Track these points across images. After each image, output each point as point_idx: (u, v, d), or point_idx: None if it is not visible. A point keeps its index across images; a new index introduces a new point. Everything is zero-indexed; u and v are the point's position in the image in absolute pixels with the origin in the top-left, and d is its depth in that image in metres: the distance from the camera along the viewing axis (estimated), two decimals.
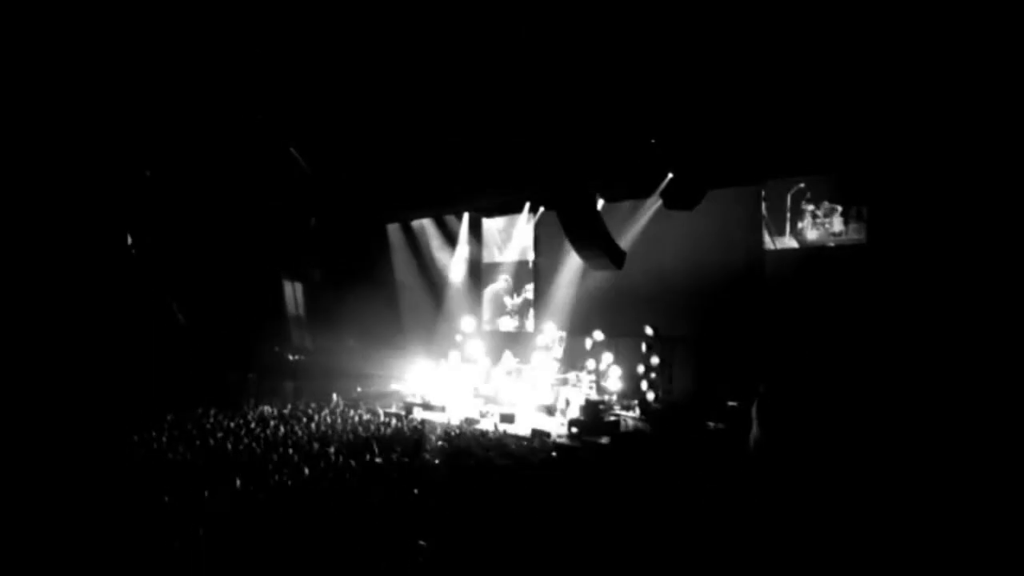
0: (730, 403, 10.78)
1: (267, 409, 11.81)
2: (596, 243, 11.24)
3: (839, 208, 11.22)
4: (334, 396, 13.01)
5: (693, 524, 5.59)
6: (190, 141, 13.68)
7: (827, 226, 11.32)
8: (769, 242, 11.96)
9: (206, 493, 6.45)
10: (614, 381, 12.68)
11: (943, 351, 9.54)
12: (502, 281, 16.89)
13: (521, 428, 10.77)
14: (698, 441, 9.80)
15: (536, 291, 16.06)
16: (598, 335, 13.00)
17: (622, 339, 13.07)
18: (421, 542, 5.02)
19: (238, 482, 6.85)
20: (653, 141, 11.33)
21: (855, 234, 10.97)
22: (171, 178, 14.46)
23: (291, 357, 16.99)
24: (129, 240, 14.19)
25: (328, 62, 11.17)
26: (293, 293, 18.07)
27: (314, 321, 18.04)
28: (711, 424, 10.56)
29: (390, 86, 11.75)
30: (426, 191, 15.42)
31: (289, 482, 6.99)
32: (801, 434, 7.68)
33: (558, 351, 13.61)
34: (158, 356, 13.98)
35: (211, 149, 14.01)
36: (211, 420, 10.61)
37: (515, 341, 15.52)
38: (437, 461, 8.09)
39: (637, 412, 11.99)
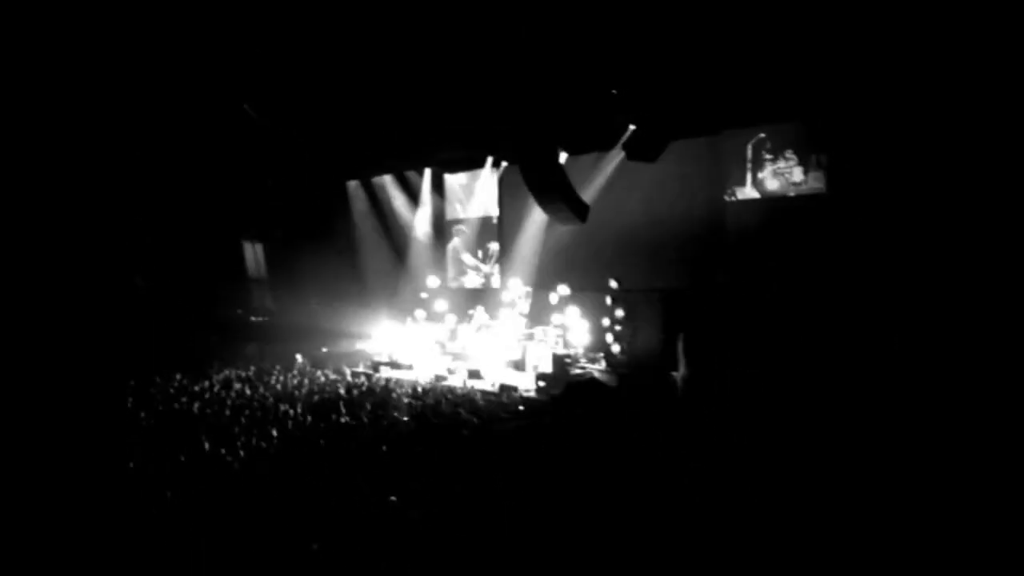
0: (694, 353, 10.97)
1: (231, 372, 11.69)
2: (559, 197, 11.19)
3: (798, 158, 11.33)
4: (299, 357, 12.91)
5: (640, 470, 5.69)
6: (141, 102, 13.18)
7: (787, 176, 11.43)
8: (730, 193, 12.05)
9: (181, 457, 6.42)
10: (580, 335, 12.80)
11: (900, 297, 9.78)
12: (465, 237, 16.80)
13: (489, 384, 10.85)
14: (660, 390, 9.98)
15: (501, 247, 16.02)
16: (563, 289, 13.06)
17: (587, 293, 13.15)
18: (392, 498, 5.06)
19: (206, 445, 6.81)
20: (614, 92, 11.24)
21: (815, 183, 11.10)
22: (123, 141, 13.96)
23: (254, 319, 16.79)
24: (83, 207, 13.74)
25: (283, 14, 10.77)
26: (254, 254, 17.77)
27: (276, 282, 17.81)
28: (675, 373, 10.75)
29: (346, 40, 11.41)
30: (386, 147, 15.14)
31: (260, 444, 6.97)
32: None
33: (524, 306, 13.65)
34: (118, 322, 13.70)
35: (163, 109, 13.53)
36: (175, 385, 10.48)
37: (481, 297, 15.52)
38: (406, 419, 8.12)
39: (603, 365, 12.17)
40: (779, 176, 11.51)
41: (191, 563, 4.49)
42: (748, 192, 11.86)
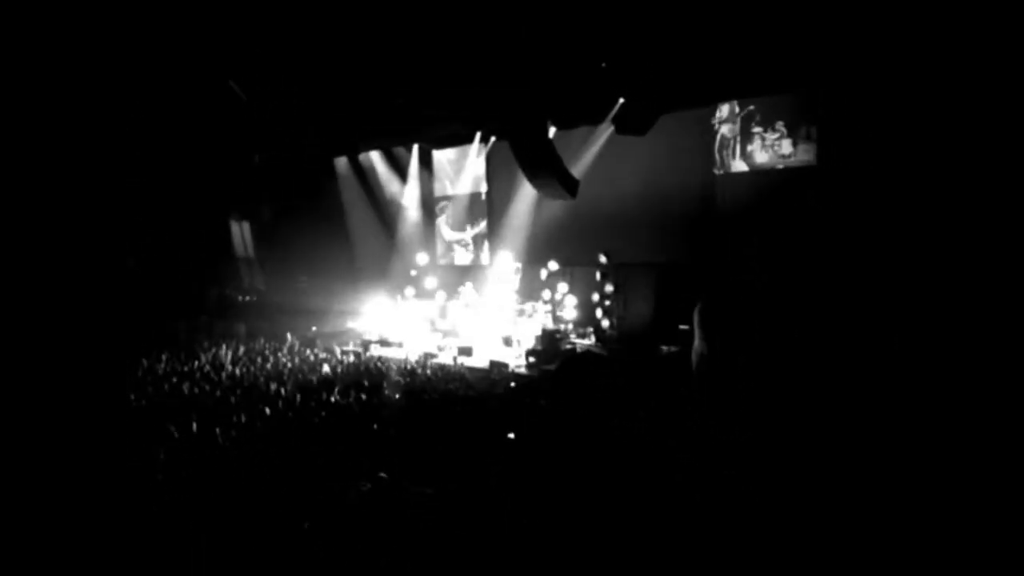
0: (682, 327, 10.99)
1: (221, 352, 11.63)
2: (549, 172, 11.12)
3: (788, 130, 11.28)
4: (289, 336, 12.86)
5: (643, 445, 5.72)
6: (126, 80, 12.94)
7: (776, 148, 11.39)
8: (719, 166, 12.01)
9: (174, 432, 6.40)
10: (570, 310, 12.81)
11: (890, 268, 9.81)
12: (454, 213, 16.72)
13: (479, 360, 10.86)
14: (649, 363, 10.02)
15: (490, 223, 15.95)
16: (553, 265, 13.05)
17: (578, 268, 13.14)
18: (382, 474, 5.06)
19: (194, 426, 6.79)
20: (604, 65, 11.13)
21: (804, 155, 11.07)
22: (109, 121, 13.72)
23: (243, 298, 16.70)
24: (70, 187, 13.53)
25: None
26: (241, 233, 17.63)
27: (264, 261, 17.69)
28: (664, 348, 10.78)
29: (332, 15, 11.22)
30: (373, 123, 14.96)
31: (255, 423, 6.96)
32: (746, 347, 7.80)
33: (514, 282, 13.63)
34: (107, 302, 13.58)
35: (148, 88, 13.29)
36: (164, 365, 10.42)
37: (471, 274, 15.48)
38: (397, 396, 8.12)
39: (593, 339, 12.19)
40: (768, 148, 11.47)
41: (183, 544, 4.48)
42: (737, 165, 11.82)
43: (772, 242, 11.27)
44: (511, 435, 5.97)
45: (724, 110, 11.98)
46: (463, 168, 16.27)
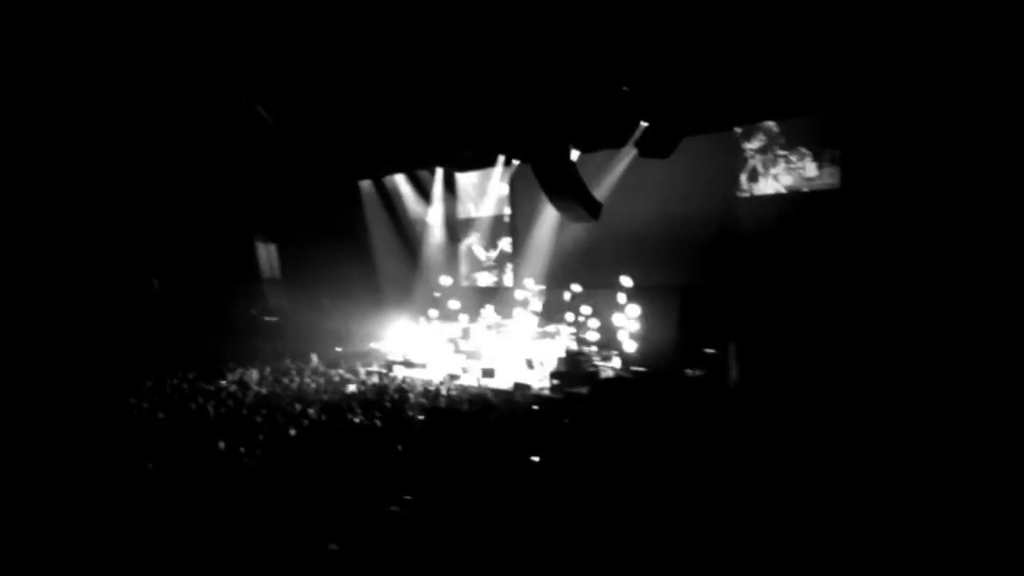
0: (707, 350, 10.91)
1: (246, 372, 11.76)
2: (572, 195, 11.17)
3: (812, 153, 11.25)
4: (313, 357, 12.97)
5: (677, 468, 5.68)
6: (156, 105, 13.27)
7: (801, 171, 11.35)
8: (744, 188, 11.98)
9: (197, 456, 6.45)
10: (593, 333, 12.77)
11: (916, 292, 9.70)
12: (477, 236, 16.81)
13: (502, 382, 10.85)
14: (676, 387, 9.94)
15: (513, 245, 16.01)
16: (576, 287, 13.04)
17: (601, 291, 13.12)
18: (407, 496, 5.07)
19: (221, 444, 6.85)
20: (626, 89, 11.20)
21: (829, 178, 11.02)
22: (140, 145, 14.06)
23: (268, 319, 16.87)
24: (101, 210, 13.86)
25: (296, 15, 10.81)
26: (267, 255, 17.84)
27: (289, 282, 17.88)
28: (689, 371, 10.70)
29: (358, 41, 11.43)
30: (398, 146, 15.15)
31: (276, 443, 7.01)
32: (780, 379, 7.76)
33: (537, 305, 13.64)
34: (134, 323, 13.82)
35: (178, 111, 13.61)
36: (190, 385, 10.55)
37: (494, 296, 15.52)
38: (420, 417, 8.14)
39: (616, 362, 12.13)
40: (793, 171, 11.44)
41: (208, 561, 4.51)
42: (761, 187, 11.78)
43: (797, 263, 11.19)
44: (535, 458, 5.96)
45: (749, 132, 11.97)
46: (486, 191, 16.38)
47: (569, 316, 12.94)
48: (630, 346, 12.32)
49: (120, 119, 13.40)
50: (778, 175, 11.60)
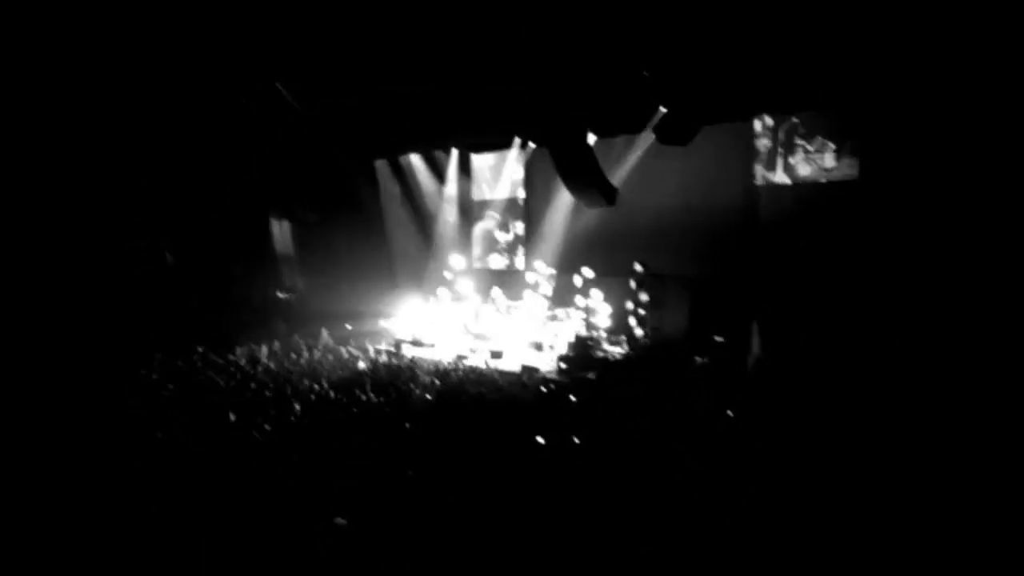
0: (717, 338, 10.86)
1: (258, 347, 11.82)
2: (588, 180, 11.10)
3: (831, 143, 11.12)
4: (324, 334, 13.02)
5: (688, 450, 5.66)
6: (175, 81, 13.29)
7: (819, 161, 11.22)
8: (761, 178, 11.87)
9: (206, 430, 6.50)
10: (603, 318, 12.74)
11: (933, 284, 9.62)
12: (492, 218, 16.77)
13: (510, 364, 10.85)
14: (684, 373, 9.90)
15: (526, 229, 15.96)
16: (588, 272, 12.99)
17: (613, 277, 13.07)
18: (409, 472, 5.09)
19: (232, 417, 6.90)
20: (646, 74, 11.08)
21: (847, 169, 10.89)
22: (157, 120, 14.10)
23: (281, 296, 16.95)
24: (117, 181, 13.93)
25: None
26: (281, 232, 17.89)
27: (303, 260, 17.93)
28: (698, 359, 10.66)
29: (378, 19, 11.38)
30: (414, 127, 15.12)
31: (285, 418, 7.06)
32: (800, 357, 7.70)
33: (548, 288, 13.61)
34: (147, 296, 13.92)
35: (197, 88, 13.63)
36: (201, 358, 10.62)
37: (505, 279, 15.50)
38: (428, 396, 8.16)
39: (625, 348, 12.11)
40: (811, 161, 11.31)
41: (214, 536, 4.55)
42: (779, 177, 11.67)
43: (814, 254, 11.11)
44: (540, 439, 5.96)
45: (767, 122, 11.85)
46: (501, 173, 16.32)
47: (580, 301, 12.91)
48: (640, 332, 12.29)
49: (140, 95, 13.44)
50: (796, 165, 11.47)
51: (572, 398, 7.56)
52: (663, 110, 11.67)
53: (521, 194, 16.06)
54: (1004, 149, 9.05)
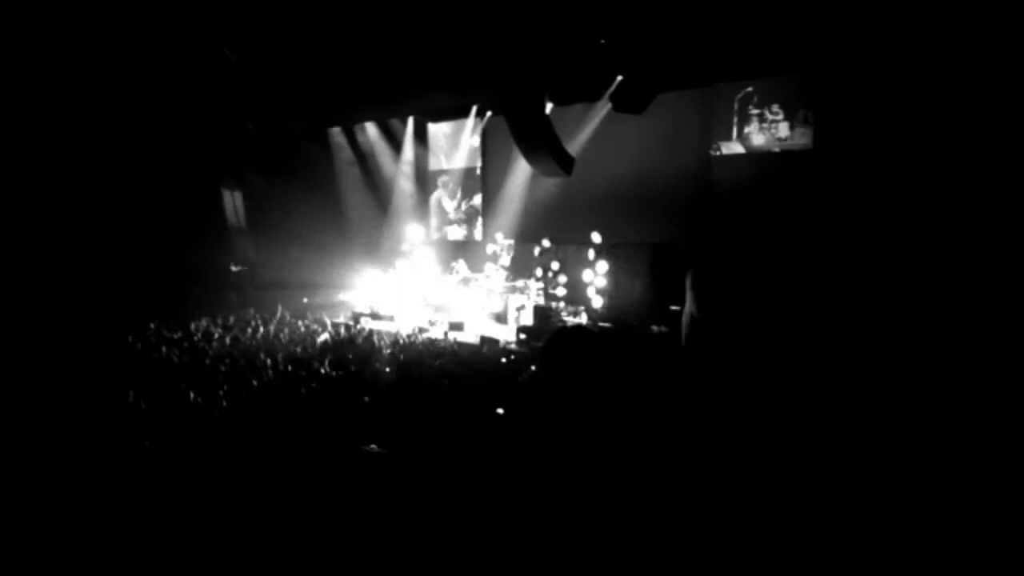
0: (672, 307, 11.01)
1: (211, 321, 11.60)
2: (545, 148, 11.05)
3: (784, 113, 11.25)
4: (279, 307, 12.83)
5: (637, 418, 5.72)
6: (116, 45, 12.72)
7: (773, 131, 11.36)
8: (715, 147, 11.97)
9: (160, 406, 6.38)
10: (562, 288, 12.81)
11: (882, 253, 9.84)
12: (448, 188, 16.63)
13: (470, 336, 10.87)
14: (639, 341, 10.03)
15: (484, 199, 15.88)
16: (546, 243, 13.01)
17: (571, 246, 13.11)
18: (373, 446, 5.08)
19: (191, 395, 6.77)
20: (603, 42, 11.02)
21: (801, 139, 11.05)
22: (100, 87, 13.52)
23: (234, 268, 16.61)
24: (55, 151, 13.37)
25: None
26: (233, 202, 17.47)
27: (256, 231, 17.56)
28: (655, 327, 10.82)
29: None
30: (368, 93, 14.80)
31: (243, 393, 6.96)
32: (736, 311, 7.71)
33: (507, 259, 13.61)
34: (95, 270, 13.50)
35: (140, 52, 13.08)
36: (154, 334, 10.38)
37: (464, 249, 15.44)
38: (387, 369, 8.13)
39: (584, 318, 12.22)
40: (765, 131, 11.44)
41: (173, 514, 4.49)
42: (733, 147, 11.79)
43: (767, 223, 11.28)
44: (500, 410, 5.99)
45: (723, 90, 11.91)
46: (459, 142, 16.16)
47: (539, 271, 12.94)
48: (598, 302, 12.40)
49: (79, 60, 12.85)
50: (750, 134, 11.59)
51: (532, 368, 7.57)
52: (619, 78, 11.65)
53: (478, 163, 15.93)
54: (962, 121, 9.21)
